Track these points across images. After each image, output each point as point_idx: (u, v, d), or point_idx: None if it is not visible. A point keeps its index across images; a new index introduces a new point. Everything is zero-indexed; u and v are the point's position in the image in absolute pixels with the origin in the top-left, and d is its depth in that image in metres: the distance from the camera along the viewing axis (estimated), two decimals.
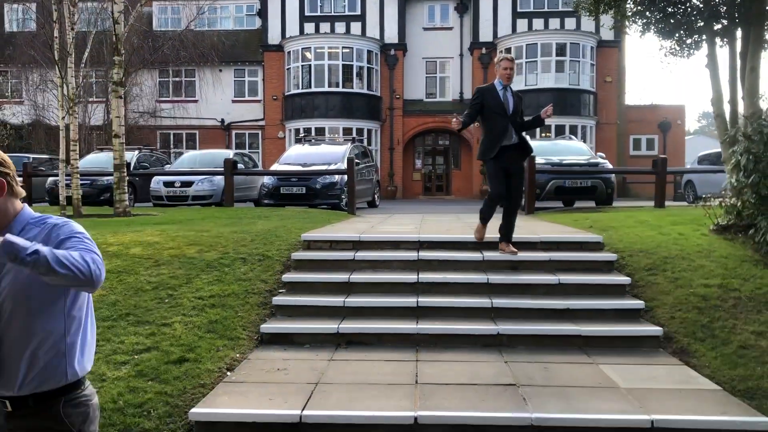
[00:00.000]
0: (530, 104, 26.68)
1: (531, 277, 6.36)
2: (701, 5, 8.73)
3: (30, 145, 26.83)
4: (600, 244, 7.12)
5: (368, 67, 27.97)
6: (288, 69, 28.07)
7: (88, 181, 15.32)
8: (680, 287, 6.16)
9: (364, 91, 27.84)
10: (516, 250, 6.82)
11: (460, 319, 5.75)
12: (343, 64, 27.40)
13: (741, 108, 8.38)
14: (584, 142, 26.42)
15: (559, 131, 25.77)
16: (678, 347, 5.32)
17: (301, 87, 27.68)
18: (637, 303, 5.84)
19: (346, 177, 13.18)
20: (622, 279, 6.26)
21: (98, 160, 16.92)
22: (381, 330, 5.58)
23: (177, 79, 29.67)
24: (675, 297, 6.00)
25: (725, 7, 8.50)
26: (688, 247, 7.28)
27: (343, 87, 27.51)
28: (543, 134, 25.72)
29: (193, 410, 4.08)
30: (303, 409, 3.97)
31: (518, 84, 27.03)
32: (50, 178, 16.47)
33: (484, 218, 6.99)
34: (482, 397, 4.15)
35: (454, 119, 6.68)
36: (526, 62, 26.76)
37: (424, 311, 5.88)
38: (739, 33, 8.47)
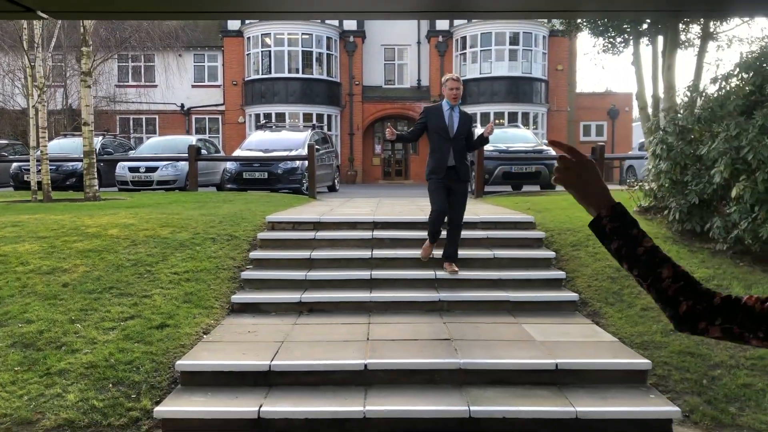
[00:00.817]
0: (484, 92, 27.71)
1: (470, 252, 7.22)
2: None
3: None
4: (532, 224, 8.04)
5: (328, 54, 28.52)
6: (248, 54, 28.43)
7: (54, 167, 15.66)
8: (598, 260, 7.12)
9: (324, 77, 28.41)
10: (457, 269, 6.76)
11: (408, 288, 6.58)
12: (302, 50, 27.87)
13: (661, 102, 9.38)
14: (536, 128, 27.56)
15: (512, 118, 26.80)
16: (591, 310, 6.25)
17: (261, 72, 28.09)
18: (560, 274, 6.77)
19: (306, 162, 13.89)
20: (549, 253, 7.19)
21: (62, 145, 17.22)
22: (338, 299, 6.38)
23: (136, 64, 29.74)
24: (593, 269, 6.94)
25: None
26: None
27: (303, 73, 28.01)
28: (497, 121, 26.73)
29: (178, 362, 4.82)
30: (272, 360, 4.75)
31: (473, 72, 28.00)
32: (14, 164, 16.74)
33: (431, 235, 6.70)
34: (421, 349, 4.99)
35: (388, 129, 6.71)
36: (480, 51, 27.66)
37: (377, 282, 6.70)
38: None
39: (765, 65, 7.37)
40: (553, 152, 15.29)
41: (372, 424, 4.19)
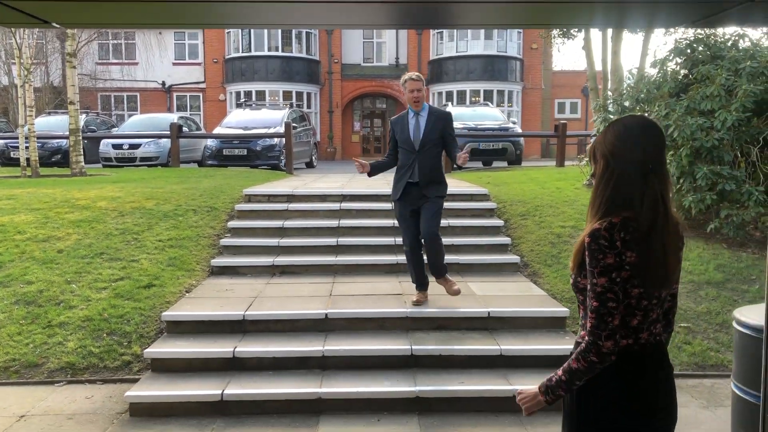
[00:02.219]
0: (461, 70, 28.37)
1: None
2: None
3: None
4: (486, 196, 8.83)
5: (307, 32, 28.97)
6: (228, 32, 28.81)
7: (40, 144, 16.18)
8: (542, 228, 7.93)
9: (303, 55, 28.91)
10: (457, 287, 5.74)
11: (370, 253, 7.35)
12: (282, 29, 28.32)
13: (609, 83, 10.16)
14: (511, 106, 28.34)
15: (487, 96, 27.54)
16: (531, 271, 7.07)
17: (241, 51, 28.52)
18: (506, 240, 7.58)
19: (284, 140, 14.56)
20: (498, 222, 8.00)
21: (47, 123, 17.71)
22: (307, 262, 7.14)
23: (117, 41, 30.00)
24: (537, 235, 7.75)
25: None
26: (559, 198, 9.07)
27: (283, 51, 28.50)
28: (473, 99, 27.46)
29: (164, 313, 5.57)
30: (246, 311, 5.51)
31: (450, 50, 28.62)
32: (1, 141, 17.22)
33: (414, 280, 5.82)
34: (375, 302, 5.78)
35: (357, 164, 5.67)
36: (457, 29, 28.26)
37: (343, 248, 7.46)
38: None
39: (694, 52, 8.15)
40: (519, 130, 16.08)
41: (330, 361, 4.98)
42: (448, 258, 7.13)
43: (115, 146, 16.58)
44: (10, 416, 4.62)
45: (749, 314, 3.22)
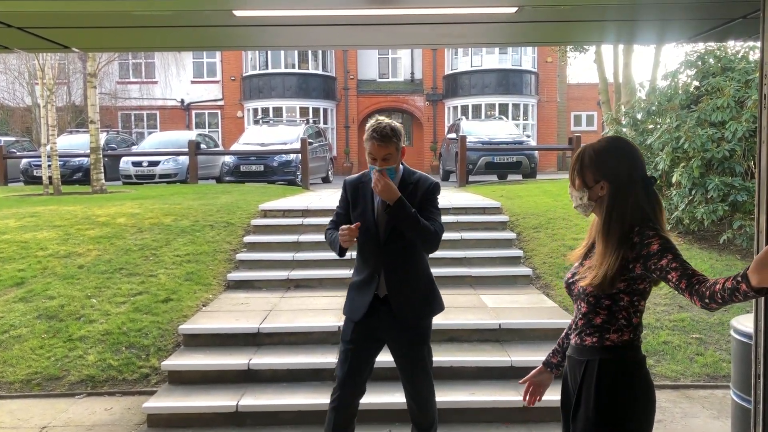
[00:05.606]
0: (476, 84, 28.47)
1: None
2: None
3: None
4: (499, 209, 8.90)
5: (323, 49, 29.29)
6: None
7: (62, 162, 16.53)
8: (555, 241, 7.97)
9: (320, 71, 29.20)
10: None
11: None
12: None
13: (622, 96, 10.21)
14: (527, 120, 28.38)
15: (502, 110, 27.59)
16: (543, 283, 7.11)
17: (258, 68, 28.89)
18: (518, 252, 7.63)
19: (300, 155, 14.74)
20: (510, 235, 8.06)
21: (69, 141, 18.08)
22: (322, 276, 7.24)
23: (137, 61, 30.52)
24: (549, 248, 7.80)
25: None
26: (572, 211, 9.06)
27: (299, 68, 28.81)
28: (488, 113, 27.55)
29: (181, 327, 5.70)
30: (260, 324, 5.62)
31: (464, 65, 28.78)
32: (24, 160, 17.60)
33: None
34: None
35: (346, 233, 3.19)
36: (471, 48, 28.43)
37: None
38: None
39: (705, 64, 8.19)
40: (533, 143, 16.13)
41: None
42: (461, 270, 7.22)
43: (135, 164, 16.87)
44: (32, 428, 4.75)
45: (746, 322, 3.26)
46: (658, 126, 8.17)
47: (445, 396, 4.71)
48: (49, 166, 12.89)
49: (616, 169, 2.15)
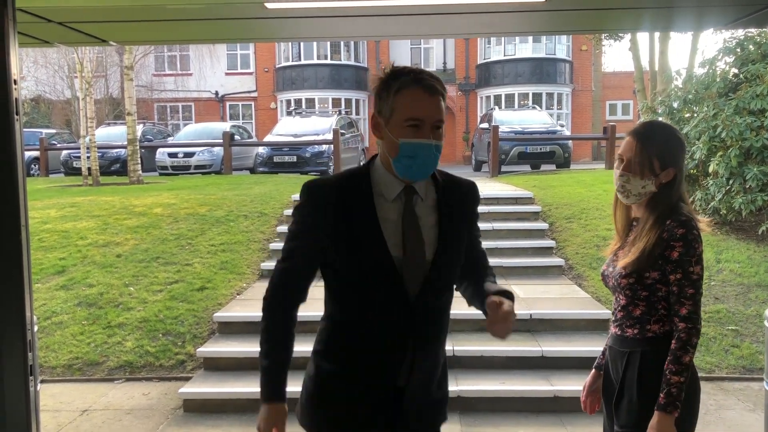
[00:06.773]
0: (509, 73, 28.20)
1: None
2: None
3: (34, 119, 28.19)
4: (531, 199, 8.85)
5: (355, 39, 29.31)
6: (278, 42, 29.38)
7: (100, 153, 16.88)
8: (588, 231, 7.90)
9: (352, 62, 29.24)
10: None
11: None
12: None
13: (658, 84, 10.03)
14: (560, 109, 28.03)
15: (536, 99, 27.28)
16: (576, 274, 7.06)
17: (291, 59, 29.05)
18: (551, 242, 7.59)
19: (332, 146, 14.82)
20: (543, 225, 8.01)
21: (107, 133, 18.45)
22: None
23: (172, 53, 30.94)
24: (582, 238, 7.73)
25: None
26: (605, 201, 8.99)
27: (332, 59, 28.88)
28: (522, 102, 27.29)
29: (216, 314, 5.81)
30: None
31: (497, 54, 28.52)
32: (64, 151, 18.03)
33: None
34: None
35: None
36: (505, 36, 28.15)
37: None
38: None
39: (744, 50, 8.00)
40: (567, 132, 15.95)
41: None
42: (492, 261, 7.18)
43: (171, 155, 17.14)
44: (74, 410, 4.92)
45: None
46: (695, 114, 8.01)
47: (476, 385, 4.74)
48: (88, 157, 13.19)
49: (680, 155, 2.23)
